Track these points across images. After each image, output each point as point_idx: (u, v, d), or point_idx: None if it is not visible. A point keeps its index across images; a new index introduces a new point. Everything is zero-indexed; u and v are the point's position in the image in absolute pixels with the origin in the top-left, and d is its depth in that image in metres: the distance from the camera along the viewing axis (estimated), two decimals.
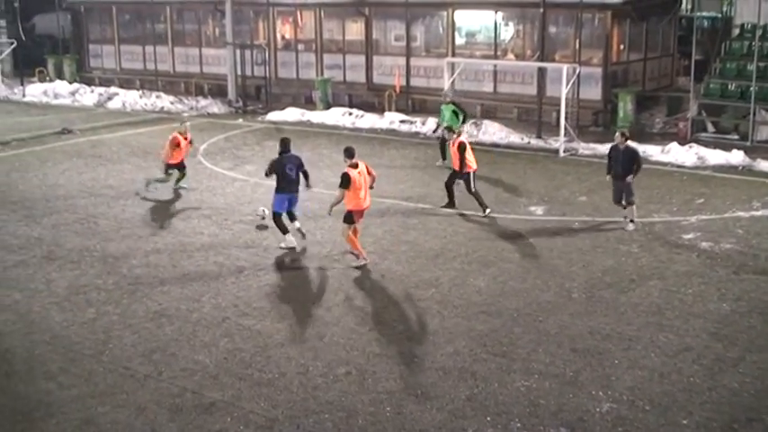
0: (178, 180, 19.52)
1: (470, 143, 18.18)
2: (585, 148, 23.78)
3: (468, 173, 17.30)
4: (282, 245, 15.20)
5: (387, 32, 31.55)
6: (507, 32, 29.50)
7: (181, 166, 19.40)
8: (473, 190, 17.31)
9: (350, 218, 14.34)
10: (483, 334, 11.67)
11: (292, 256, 14.91)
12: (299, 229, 15.45)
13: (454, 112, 22.04)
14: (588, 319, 12.18)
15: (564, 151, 23.36)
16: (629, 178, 15.99)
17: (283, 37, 34.16)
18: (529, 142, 24.94)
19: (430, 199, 18.67)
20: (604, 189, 19.51)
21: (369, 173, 14.45)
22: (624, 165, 16.01)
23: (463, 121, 22.09)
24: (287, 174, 15.11)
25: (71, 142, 25.46)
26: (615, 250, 15.13)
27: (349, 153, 14.21)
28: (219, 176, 21.05)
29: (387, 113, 28.84)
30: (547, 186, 19.92)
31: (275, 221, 15.26)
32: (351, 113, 29.07)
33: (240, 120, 29.84)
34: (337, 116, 28.99)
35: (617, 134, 16.41)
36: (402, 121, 27.86)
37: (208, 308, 12.64)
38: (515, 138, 25.28)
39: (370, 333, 11.74)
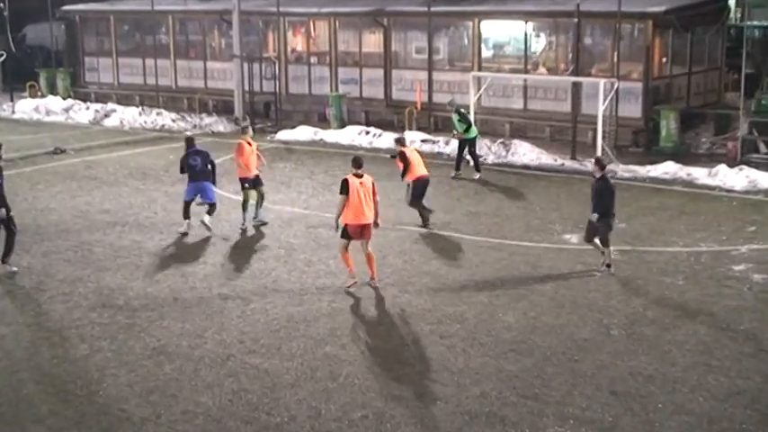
0: (257, 205, 18.66)
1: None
2: (624, 170, 23.72)
3: (409, 183, 18.59)
4: (181, 229, 18.14)
5: (407, 44, 31.70)
6: (539, 44, 29.58)
7: (257, 182, 18.71)
8: (411, 201, 18.56)
9: (345, 233, 14.73)
10: (513, 375, 11.61)
11: (301, 286, 14.92)
12: (203, 222, 18.09)
13: (459, 120, 23.14)
14: (629, 358, 12.09)
15: None
16: (593, 218, 15.24)
17: (295, 49, 34.39)
18: (563, 164, 24.91)
19: (454, 225, 18.65)
20: (645, 215, 19.46)
21: (373, 191, 14.79)
22: (593, 200, 15.32)
23: (465, 131, 23.11)
24: (191, 165, 18.39)
25: (64, 163, 25.67)
26: (658, 283, 15.04)
27: (356, 163, 14.83)
28: (224, 201, 21.11)
29: (407, 132, 28.88)
30: (582, 212, 19.79)
31: (183, 206, 18.44)
32: (368, 132, 29.15)
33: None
34: (353, 135, 29.08)
35: (593, 162, 16.01)
36: (423, 141, 27.89)
37: (211, 344, 12.64)
38: (548, 159, 25.26)
39: (389, 373, 11.70)
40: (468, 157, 23.80)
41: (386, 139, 28.37)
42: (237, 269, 15.91)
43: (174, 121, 32.94)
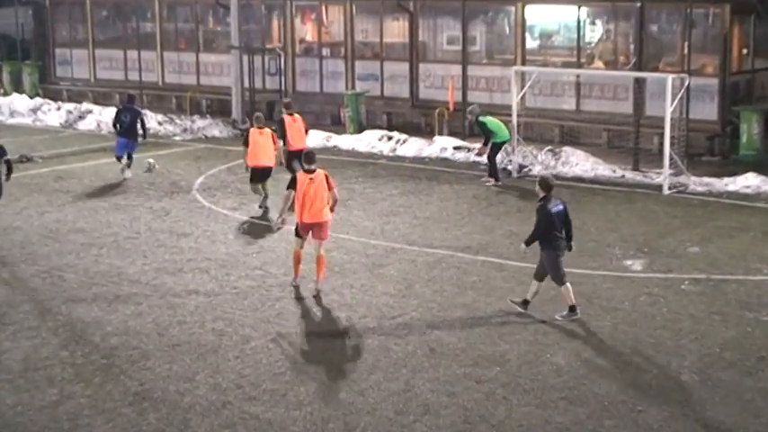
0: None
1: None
2: (698, 183, 23.65)
3: (292, 151, 21.88)
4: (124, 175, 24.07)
5: (437, 33, 31.80)
6: (594, 33, 29.59)
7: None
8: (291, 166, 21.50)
9: (296, 231, 16.48)
10: (564, 427, 11.55)
11: (311, 321, 14.93)
12: (126, 165, 24.47)
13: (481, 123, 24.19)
14: (703, 408, 12.02)
15: (669, 188, 23.26)
16: (522, 247, 15.17)
17: (303, 39, 34.57)
18: (623, 176, 24.85)
19: (494, 249, 18.63)
20: (723, 237, 19.38)
21: (329, 186, 16.18)
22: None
23: (485, 143, 24.17)
24: (122, 121, 24.60)
25: (31, 173, 25.85)
26: (738, 318, 14.96)
27: (308, 158, 16.41)
28: (220, 218, 21.21)
29: (437, 138, 28.94)
30: (647, 233, 19.79)
31: (117, 160, 24.72)
32: (390, 138, 29.22)
33: None
34: (373, 141, 29.15)
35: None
36: (457, 148, 27.93)
37: (204, 389, 12.67)
38: (605, 170, 25.21)
39: (415, 425, 11.67)
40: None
41: (412, 146, 28.44)
42: (235, 300, 15.94)
43: (160, 123, 33.09)
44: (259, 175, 21.68)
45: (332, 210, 16.45)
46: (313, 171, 16.17)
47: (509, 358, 13.47)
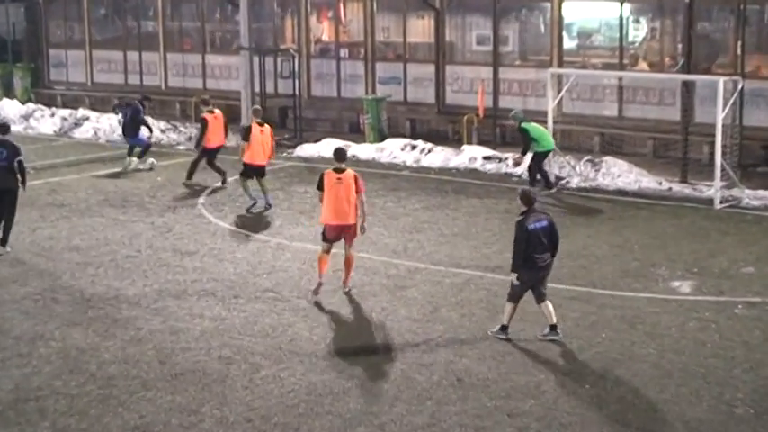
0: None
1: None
2: (752, 196, 23.57)
3: (206, 149, 24.77)
4: None
5: (466, 32, 31.86)
6: (638, 32, 29.57)
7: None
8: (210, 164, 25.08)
9: (323, 234, 17.19)
10: None
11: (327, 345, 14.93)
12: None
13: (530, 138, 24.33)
14: None
15: (721, 201, 23.20)
16: (513, 277, 15.07)
17: (320, 39, 34.67)
18: (670, 188, 24.80)
19: None
20: None
21: (357, 188, 16.92)
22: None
23: (524, 152, 24.54)
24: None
25: None
26: None
27: (338, 155, 17.21)
28: (228, 235, 21.25)
29: (465, 147, 28.96)
30: (696, 252, 19.72)
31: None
32: (414, 147, 29.25)
33: None
34: (395, 150, 29.19)
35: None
36: (487, 158, 27.94)
37: (209, 423, 12.67)
38: (650, 182, 25.16)
39: None
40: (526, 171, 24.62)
41: (438, 156, 28.45)
42: (244, 325, 15.95)
43: (163, 131, 33.24)
44: (253, 173, 23.20)
45: (356, 215, 17.08)
46: (342, 170, 16.94)
47: (545, 390, 13.43)
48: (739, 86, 24.43)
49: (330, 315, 16.29)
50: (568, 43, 30.11)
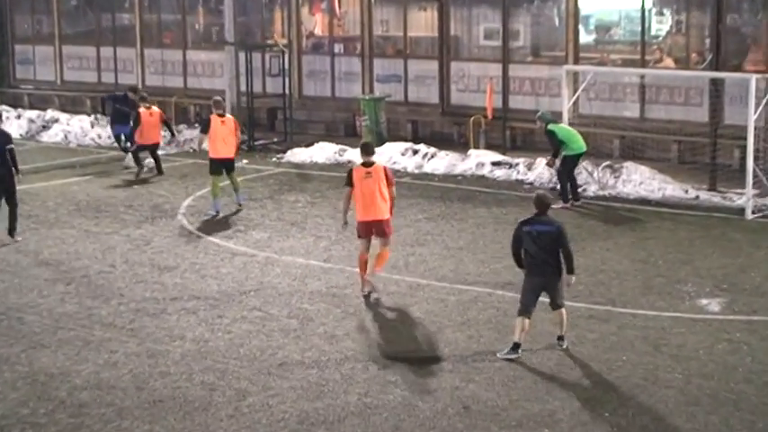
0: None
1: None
2: None
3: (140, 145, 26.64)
4: None
5: (472, 26, 31.90)
6: (662, 25, 29.60)
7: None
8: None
9: (357, 232, 17.98)
10: None
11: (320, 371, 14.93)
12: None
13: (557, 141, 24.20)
14: None
15: (753, 211, 23.22)
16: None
17: (312, 33, 34.69)
18: (697, 197, 24.80)
19: None
20: None
21: (388, 181, 17.73)
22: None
23: (554, 155, 24.42)
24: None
25: None
26: None
27: (365, 149, 18.02)
28: (211, 249, 21.25)
29: (472, 151, 28.98)
30: (726, 267, 19.72)
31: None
32: (416, 151, 29.27)
33: (244, 161, 30.18)
34: (395, 155, 29.21)
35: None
36: (496, 164, 27.96)
37: None
38: (675, 190, 25.16)
39: None
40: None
41: (442, 162, 28.47)
42: (228, 347, 15.94)
43: None
44: (219, 167, 24.02)
45: (389, 209, 17.95)
46: (371, 164, 17.75)
47: (559, 418, 13.42)
48: None
49: (323, 335, 16.27)
50: (585, 38, 30.15)
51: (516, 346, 15.27)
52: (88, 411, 13.76)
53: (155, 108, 28.98)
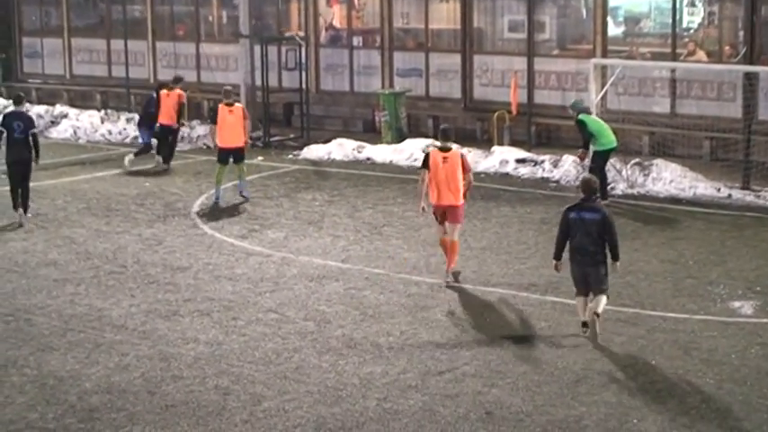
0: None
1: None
2: None
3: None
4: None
5: (496, 17, 31.89)
6: (694, 17, 29.54)
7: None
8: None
9: (434, 215, 18.88)
10: None
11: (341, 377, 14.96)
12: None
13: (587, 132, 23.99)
14: None
15: None
16: (554, 264, 16.69)
17: (330, 26, 34.70)
18: (729, 195, 24.77)
19: (567, 288, 18.57)
20: None
21: (464, 167, 18.59)
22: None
23: (585, 147, 24.31)
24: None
25: None
26: None
27: (444, 134, 19.03)
28: (226, 248, 21.30)
29: (496, 148, 28.98)
30: (759, 268, 19.67)
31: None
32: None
33: (259, 158, 30.26)
34: (416, 152, 29.19)
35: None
36: (521, 161, 27.95)
37: None
38: (707, 188, 25.13)
39: None
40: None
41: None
42: (243, 350, 15.98)
43: None
44: (226, 156, 24.97)
45: (464, 194, 18.76)
46: (448, 149, 18.65)
47: (586, 424, 13.43)
48: None
49: (341, 338, 16.30)
50: (614, 30, 30.12)
51: (583, 325, 16.06)
52: (99, 416, 13.81)
53: (179, 91, 29.11)
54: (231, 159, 25.04)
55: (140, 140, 30.08)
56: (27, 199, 23.20)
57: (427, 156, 18.91)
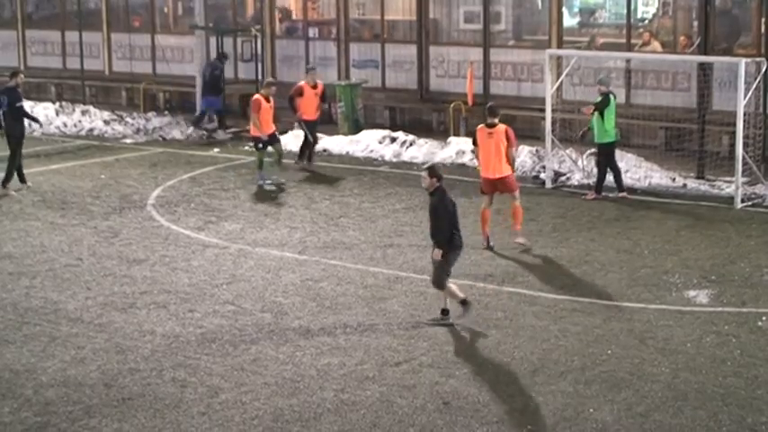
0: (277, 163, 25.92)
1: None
2: None
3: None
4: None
5: (452, 9, 31.89)
6: (649, 8, 29.65)
7: (274, 140, 25.79)
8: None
9: (481, 188, 20.61)
10: None
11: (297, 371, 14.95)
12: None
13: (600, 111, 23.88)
14: None
15: (742, 200, 23.30)
16: (437, 255, 16.45)
17: (286, 16, 34.60)
18: (684, 185, 24.88)
19: (523, 278, 18.65)
20: None
21: (509, 141, 19.91)
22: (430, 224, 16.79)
23: (595, 109, 24.00)
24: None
25: None
26: None
27: (490, 111, 20.31)
28: (182, 240, 21.24)
29: (452, 139, 28.99)
30: (715, 257, 19.80)
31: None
32: (394, 139, 29.27)
33: (215, 149, 30.19)
34: (372, 143, 29.21)
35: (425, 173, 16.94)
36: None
37: None
38: (662, 178, 25.23)
39: None
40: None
41: (421, 150, 28.47)
42: (200, 342, 15.94)
43: (107, 122, 33.22)
44: (268, 143, 25.71)
45: (511, 166, 20.19)
46: (494, 125, 20.06)
47: (543, 414, 13.47)
48: (763, 69, 24.50)
49: (298, 330, 16.29)
50: (569, 21, 30.17)
51: (445, 312, 16.52)
52: (55, 410, 13.75)
53: (318, 82, 28.13)
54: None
55: (203, 109, 32.34)
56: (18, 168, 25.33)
57: (475, 133, 20.59)
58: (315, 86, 27.60)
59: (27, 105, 26.82)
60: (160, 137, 31.87)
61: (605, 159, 24.02)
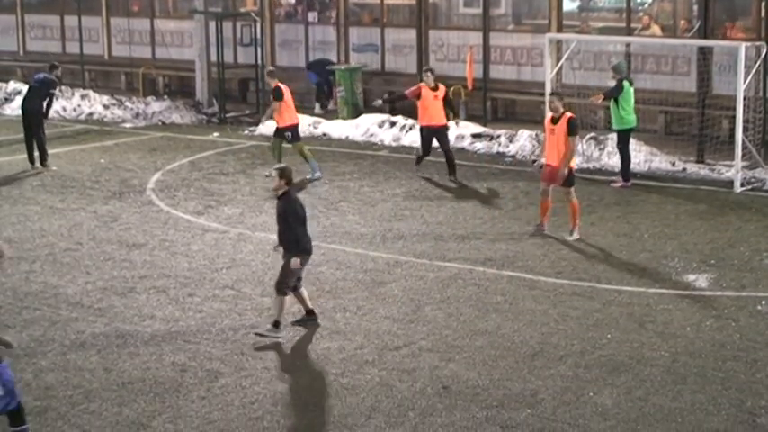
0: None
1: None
2: None
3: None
4: None
5: None
6: None
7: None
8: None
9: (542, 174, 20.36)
10: None
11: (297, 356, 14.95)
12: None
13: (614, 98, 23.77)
14: None
15: (742, 184, 23.30)
16: (294, 262, 15.86)
17: (285, 1, 34.54)
18: (684, 169, 24.88)
19: (523, 262, 18.65)
20: None
21: (569, 131, 19.54)
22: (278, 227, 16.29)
23: (606, 96, 24.12)
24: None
25: None
26: None
27: (556, 95, 20.41)
28: (182, 225, 21.24)
29: (451, 123, 28.94)
30: (714, 241, 19.81)
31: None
32: (393, 123, 29.26)
33: (215, 134, 30.18)
34: (372, 127, 29.20)
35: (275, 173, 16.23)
36: (476, 136, 27.97)
37: None
38: (662, 162, 25.24)
39: None
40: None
41: (419, 134, 28.38)
42: (200, 327, 15.96)
43: (106, 107, 33.24)
44: (284, 133, 24.94)
45: (564, 158, 19.61)
46: (557, 120, 19.80)
47: (542, 398, 13.50)
48: (763, 53, 24.49)
49: (298, 315, 16.26)
50: (569, 5, 30.10)
51: (277, 324, 15.53)
52: (55, 394, 13.78)
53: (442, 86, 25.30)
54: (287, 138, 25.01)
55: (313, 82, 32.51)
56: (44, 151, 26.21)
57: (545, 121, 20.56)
58: (435, 89, 24.44)
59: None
60: (160, 121, 31.87)
61: (624, 145, 23.94)
